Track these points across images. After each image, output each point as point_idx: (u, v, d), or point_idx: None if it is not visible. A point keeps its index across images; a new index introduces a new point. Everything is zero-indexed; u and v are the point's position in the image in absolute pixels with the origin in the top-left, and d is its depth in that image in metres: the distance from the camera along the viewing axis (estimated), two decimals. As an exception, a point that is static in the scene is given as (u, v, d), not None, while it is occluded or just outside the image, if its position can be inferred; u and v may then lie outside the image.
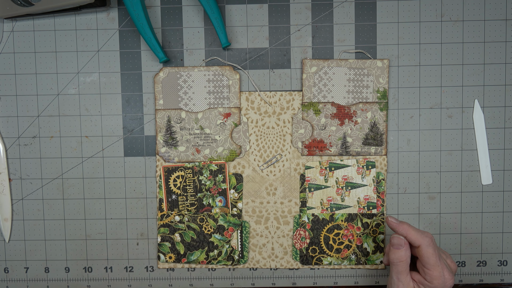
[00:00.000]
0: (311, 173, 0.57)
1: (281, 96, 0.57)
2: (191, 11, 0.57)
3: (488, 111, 0.57)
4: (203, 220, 0.57)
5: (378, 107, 0.56)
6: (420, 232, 0.49)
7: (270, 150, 0.57)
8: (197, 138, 0.57)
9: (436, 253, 0.48)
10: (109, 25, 0.57)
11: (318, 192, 0.57)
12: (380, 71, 0.56)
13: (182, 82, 0.56)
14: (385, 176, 0.57)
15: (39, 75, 0.57)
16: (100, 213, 0.58)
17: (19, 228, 0.58)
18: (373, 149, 0.57)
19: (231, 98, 0.57)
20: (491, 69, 0.57)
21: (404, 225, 0.50)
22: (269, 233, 0.58)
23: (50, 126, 0.57)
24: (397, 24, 0.56)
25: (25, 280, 0.59)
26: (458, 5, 0.56)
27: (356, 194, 0.57)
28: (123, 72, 0.57)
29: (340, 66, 0.56)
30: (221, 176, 0.57)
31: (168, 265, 0.58)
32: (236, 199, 0.57)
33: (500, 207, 0.58)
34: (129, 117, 0.57)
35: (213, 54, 0.57)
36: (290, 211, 0.58)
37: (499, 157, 0.57)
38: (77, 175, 0.58)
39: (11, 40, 0.57)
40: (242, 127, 0.57)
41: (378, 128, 0.57)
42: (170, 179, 0.57)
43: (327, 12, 0.56)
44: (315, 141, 0.57)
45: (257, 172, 0.57)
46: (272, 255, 0.58)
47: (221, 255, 0.57)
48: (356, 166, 0.57)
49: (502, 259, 0.58)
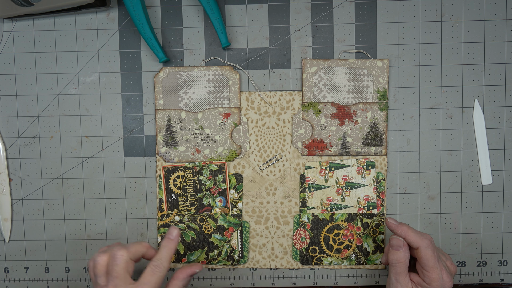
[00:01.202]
0: (311, 173, 0.57)
1: (281, 96, 0.57)
2: (191, 11, 0.57)
3: (488, 111, 0.57)
4: (203, 220, 0.57)
5: (378, 107, 0.56)
6: (419, 234, 0.49)
7: (270, 150, 0.57)
8: (197, 138, 0.57)
9: (435, 255, 0.48)
10: (109, 25, 0.57)
11: (318, 192, 0.57)
12: (380, 71, 0.56)
13: (182, 82, 0.56)
14: (385, 176, 0.57)
15: (39, 75, 0.57)
16: (100, 213, 0.58)
17: (19, 228, 0.58)
18: (373, 149, 0.57)
19: (231, 98, 0.57)
20: (491, 69, 0.57)
21: (403, 226, 0.50)
22: (269, 233, 0.58)
23: (50, 126, 0.57)
24: (397, 24, 0.56)
25: (25, 280, 0.59)
26: (458, 5, 0.56)
27: (356, 194, 0.57)
28: (123, 72, 0.57)
29: (340, 66, 0.56)
30: (221, 176, 0.57)
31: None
32: (236, 199, 0.57)
33: (500, 207, 0.58)
34: (129, 117, 0.57)
35: (213, 54, 0.57)
36: (290, 211, 0.58)
37: (499, 157, 0.57)
38: (77, 175, 0.58)
39: (11, 40, 0.57)
40: (242, 127, 0.57)
41: (378, 128, 0.57)
42: (170, 179, 0.57)
43: (327, 12, 0.56)
44: (315, 141, 0.57)
45: (257, 172, 0.57)
46: (272, 255, 0.58)
47: (221, 255, 0.57)
48: (356, 166, 0.57)
49: (502, 259, 0.58)
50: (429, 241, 0.48)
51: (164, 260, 0.49)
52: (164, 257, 0.49)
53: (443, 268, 0.49)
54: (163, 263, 0.49)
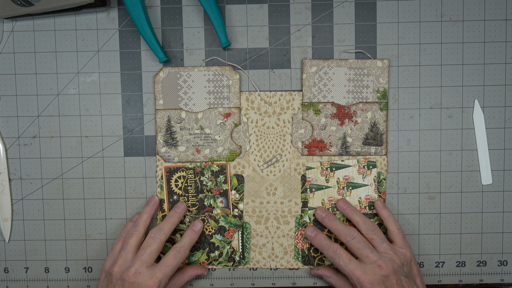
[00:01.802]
0: (312, 174, 0.57)
1: (281, 96, 0.57)
2: (191, 11, 0.57)
3: (488, 111, 0.57)
4: (204, 221, 0.57)
5: (378, 107, 0.56)
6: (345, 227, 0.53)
7: (270, 150, 0.57)
8: (197, 138, 0.57)
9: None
10: (109, 25, 0.57)
11: (319, 193, 0.57)
12: (380, 71, 0.56)
13: (182, 82, 0.56)
14: (385, 176, 0.57)
15: (39, 75, 0.57)
16: (100, 213, 0.58)
17: (19, 228, 0.58)
18: (373, 149, 0.57)
19: (231, 98, 0.57)
20: (491, 69, 0.57)
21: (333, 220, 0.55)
22: (269, 233, 0.58)
23: (50, 126, 0.57)
24: (397, 24, 0.56)
25: (25, 280, 0.59)
26: (458, 5, 0.56)
27: (357, 194, 0.57)
28: (123, 72, 0.57)
29: (340, 66, 0.56)
30: (223, 177, 0.57)
31: None
32: (237, 200, 0.57)
33: (500, 207, 0.58)
34: (129, 117, 0.57)
35: (213, 54, 0.57)
36: (290, 211, 0.58)
37: (499, 157, 0.57)
38: (77, 175, 0.58)
39: (11, 40, 0.57)
40: (242, 127, 0.57)
41: (378, 128, 0.57)
42: (171, 180, 0.57)
43: (327, 12, 0.56)
44: (315, 141, 0.57)
45: (257, 172, 0.57)
46: (272, 255, 0.58)
47: (222, 256, 0.57)
48: (357, 166, 0.57)
49: (502, 259, 0.58)
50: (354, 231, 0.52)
51: (186, 247, 0.53)
52: (187, 245, 0.53)
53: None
54: (185, 250, 0.53)
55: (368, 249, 0.50)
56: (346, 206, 0.55)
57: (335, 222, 0.54)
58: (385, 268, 0.49)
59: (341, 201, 0.56)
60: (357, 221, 0.53)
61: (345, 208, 0.55)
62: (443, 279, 0.58)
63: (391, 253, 0.51)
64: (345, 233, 0.52)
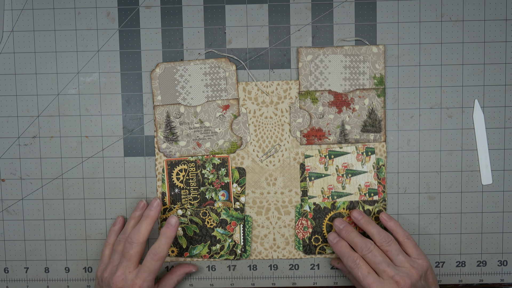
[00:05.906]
0: (311, 162, 0.57)
1: (278, 85, 0.57)
2: (191, 11, 0.57)
3: (488, 111, 0.57)
4: (206, 214, 0.57)
5: (375, 93, 0.56)
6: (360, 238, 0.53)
7: (269, 140, 0.57)
8: (197, 132, 0.57)
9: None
10: (109, 25, 0.57)
11: (318, 181, 0.57)
12: (376, 57, 0.56)
13: (179, 76, 0.56)
14: (385, 162, 0.57)
15: (39, 75, 0.57)
16: (100, 213, 0.58)
17: (19, 228, 0.58)
18: (371, 136, 0.57)
19: (228, 90, 0.57)
20: (491, 69, 0.57)
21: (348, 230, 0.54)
22: (270, 224, 0.58)
23: (50, 126, 0.57)
24: (397, 24, 0.56)
25: (25, 280, 0.59)
26: (458, 5, 0.56)
27: (356, 181, 0.57)
28: (123, 72, 0.57)
29: (335, 53, 0.56)
30: (224, 170, 0.57)
31: (170, 259, 0.58)
32: (239, 193, 0.57)
33: (500, 207, 0.58)
34: (129, 117, 0.57)
35: (213, 54, 0.57)
36: (290, 201, 0.57)
37: (499, 157, 0.57)
38: (77, 175, 0.58)
39: (11, 40, 0.57)
40: (242, 118, 0.57)
41: (376, 114, 0.57)
42: (173, 173, 0.57)
43: (327, 12, 0.56)
44: (314, 130, 0.57)
45: (257, 162, 0.57)
46: (274, 246, 0.58)
47: (223, 249, 0.57)
48: (355, 153, 0.57)
49: (502, 259, 0.58)
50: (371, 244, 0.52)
51: (162, 248, 0.51)
52: (163, 245, 0.51)
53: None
54: (162, 251, 0.51)
55: (385, 263, 0.50)
56: (361, 217, 0.54)
57: (352, 234, 0.53)
58: (402, 284, 0.48)
59: (355, 212, 0.55)
60: (372, 233, 0.53)
61: (359, 219, 0.54)
62: (443, 279, 0.58)
63: (407, 265, 0.50)
64: (361, 247, 0.51)
